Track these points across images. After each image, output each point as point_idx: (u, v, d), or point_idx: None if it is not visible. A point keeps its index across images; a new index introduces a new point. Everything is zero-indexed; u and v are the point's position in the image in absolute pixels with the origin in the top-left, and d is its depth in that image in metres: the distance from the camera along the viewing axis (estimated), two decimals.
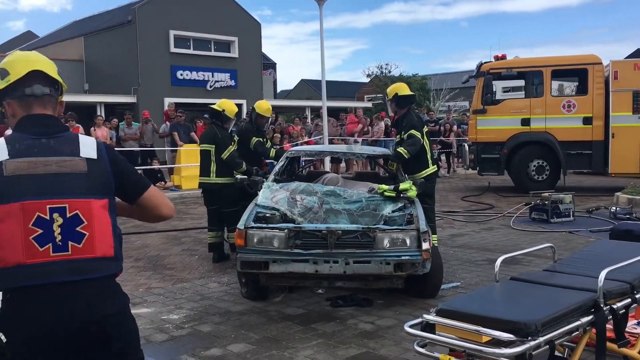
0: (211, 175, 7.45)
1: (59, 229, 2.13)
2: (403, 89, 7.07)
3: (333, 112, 20.42)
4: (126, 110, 17.30)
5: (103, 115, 17.07)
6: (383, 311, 5.42)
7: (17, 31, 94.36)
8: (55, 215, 2.13)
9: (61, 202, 2.14)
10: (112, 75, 24.82)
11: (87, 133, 14.19)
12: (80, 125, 13.78)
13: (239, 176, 7.16)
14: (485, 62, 14.24)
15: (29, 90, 2.29)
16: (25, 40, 36.85)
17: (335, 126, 17.84)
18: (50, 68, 2.36)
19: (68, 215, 2.14)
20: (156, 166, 14.98)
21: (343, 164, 16.64)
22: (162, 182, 14.98)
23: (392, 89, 7.11)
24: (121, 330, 2.27)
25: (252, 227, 5.49)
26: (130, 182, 2.40)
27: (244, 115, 16.81)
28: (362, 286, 5.61)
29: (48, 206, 2.13)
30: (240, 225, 5.54)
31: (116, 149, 14.37)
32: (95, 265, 2.18)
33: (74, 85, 25.05)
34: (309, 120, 21.10)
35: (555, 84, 14.34)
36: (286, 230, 5.41)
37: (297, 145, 13.95)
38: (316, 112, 26.29)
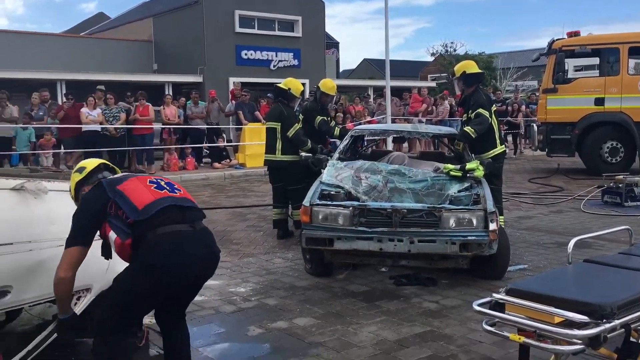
0: (277, 152, 7.55)
1: None
2: (471, 67, 6.92)
3: (396, 92, 20.20)
4: (192, 89, 17.70)
5: (171, 94, 17.51)
6: (447, 291, 5.38)
7: (90, 13, 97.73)
8: None
9: None
10: (179, 56, 25.40)
11: (156, 111, 14.65)
12: (150, 104, 14.23)
13: (303, 154, 7.23)
14: (557, 39, 13.69)
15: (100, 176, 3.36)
16: (97, 22, 38.15)
17: (398, 106, 17.66)
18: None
19: None
20: (221, 144, 15.29)
21: (405, 144, 16.49)
22: (227, 160, 15.30)
23: (459, 67, 6.97)
24: None
25: (317, 204, 5.55)
26: None
27: (307, 95, 16.85)
28: (426, 265, 5.59)
29: None
30: (306, 202, 5.62)
31: (183, 127, 14.81)
32: None
33: (143, 65, 25.81)
34: (371, 99, 20.96)
35: (632, 62, 13.62)
36: (351, 208, 5.45)
37: (359, 124, 13.89)
38: (379, 91, 26.06)
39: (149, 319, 4.57)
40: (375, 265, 6.01)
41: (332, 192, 5.79)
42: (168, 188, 3.19)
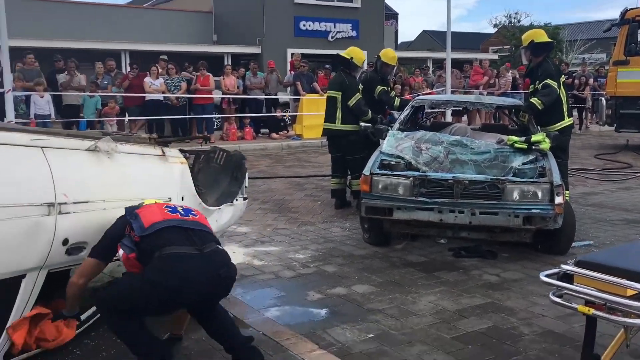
0: (336, 122, 7.53)
1: None
2: (540, 36, 6.67)
3: (456, 64, 19.72)
4: (251, 60, 17.82)
5: (230, 65, 17.70)
6: (508, 264, 5.30)
7: None
8: None
9: None
10: (238, 27, 25.54)
11: (216, 81, 14.85)
12: (210, 74, 14.44)
13: (363, 124, 7.19)
14: (631, 9, 13.00)
15: None
16: None
17: (458, 78, 17.27)
18: None
19: None
20: (279, 114, 15.39)
21: (465, 118, 16.13)
22: (285, 131, 15.40)
23: (528, 36, 6.73)
24: None
25: (378, 174, 5.54)
26: None
27: (365, 66, 16.66)
28: (487, 238, 5.51)
29: None
30: (366, 171, 5.61)
31: (242, 97, 14.95)
32: None
33: (203, 36, 26.13)
34: (430, 72, 20.56)
35: None
36: (411, 178, 5.41)
37: (418, 97, 13.67)
38: (438, 64, 25.51)
39: None
40: (434, 237, 5.96)
41: (392, 162, 5.76)
42: (181, 212, 3.37)
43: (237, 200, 5.06)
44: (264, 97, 15.34)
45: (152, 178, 4.06)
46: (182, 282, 3.03)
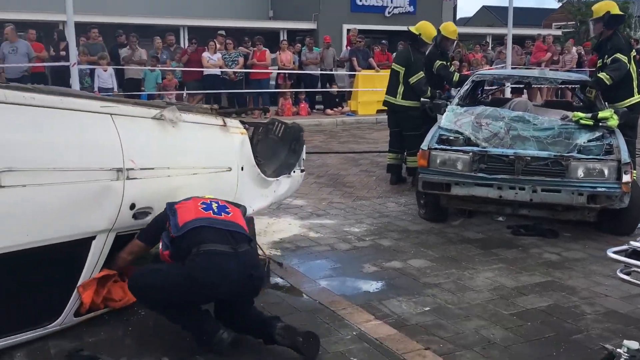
0: (397, 96, 7.44)
1: None
2: (614, 8, 6.36)
3: (517, 40, 19.05)
4: (306, 36, 17.77)
5: (286, 40, 17.71)
6: (570, 244, 5.16)
7: None
8: None
9: None
10: (294, 2, 25.48)
11: (272, 58, 14.89)
12: (266, 49, 14.50)
13: (423, 99, 7.09)
14: None
15: None
16: None
17: (519, 54, 16.71)
18: None
19: None
20: (334, 89, 15.34)
21: (525, 95, 15.64)
22: (340, 107, 15.36)
23: (601, 6, 6.41)
24: None
25: (436, 149, 5.47)
26: None
27: None
28: (548, 216, 5.38)
29: None
30: (424, 146, 5.55)
31: (298, 72, 14.96)
32: None
33: (260, 12, 26.18)
34: (490, 48, 19.99)
35: None
36: (471, 154, 5.32)
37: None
38: (498, 40, 24.76)
39: (269, 250, 4.82)
40: (491, 214, 5.86)
41: (450, 138, 5.67)
42: (215, 210, 3.36)
43: (294, 172, 5.11)
44: (319, 72, 15.31)
45: (213, 147, 4.14)
46: (220, 279, 3.10)
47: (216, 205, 3.44)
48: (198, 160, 3.96)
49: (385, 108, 7.92)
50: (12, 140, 2.82)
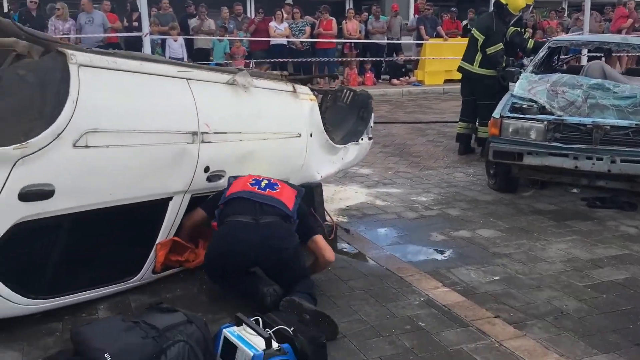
0: (474, 64, 7.23)
1: None
2: None
3: (596, 6, 18.08)
4: (373, 4, 17.49)
5: (352, 9, 17.49)
6: None
7: None
8: None
9: None
10: None
11: (339, 26, 14.78)
12: (333, 18, 14.39)
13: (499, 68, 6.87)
14: None
15: None
16: None
17: (598, 21, 15.86)
18: None
19: None
20: (401, 58, 15.10)
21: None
22: (406, 77, 15.12)
23: None
24: None
25: (508, 117, 5.32)
26: None
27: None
28: (627, 188, 5.16)
29: None
30: (496, 114, 5.41)
31: (364, 41, 14.78)
32: None
33: None
34: (566, 15, 19.06)
35: None
36: (545, 122, 5.14)
37: None
38: (574, 6, 23.55)
39: (336, 217, 4.86)
40: (565, 186, 5.68)
41: (524, 106, 5.49)
42: (261, 186, 3.47)
43: (362, 139, 5.10)
44: (385, 41, 15.08)
45: (283, 113, 4.19)
46: (235, 247, 3.25)
47: (266, 182, 3.53)
48: (269, 125, 4.01)
49: (458, 76, 7.72)
50: (97, 102, 2.94)
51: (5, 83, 2.88)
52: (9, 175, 2.59)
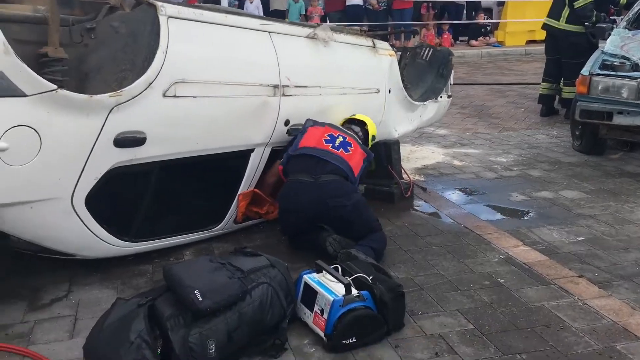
0: (561, 19, 6.87)
1: None
2: None
3: None
4: None
5: None
6: None
7: None
8: None
9: None
10: None
11: None
12: None
13: (588, 24, 6.51)
14: None
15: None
16: None
17: None
18: None
19: None
20: (480, 21, 14.57)
21: None
22: (487, 37, 14.60)
23: None
24: None
25: (598, 74, 5.06)
26: None
27: None
28: None
29: None
30: (584, 71, 5.16)
31: (441, 1, 14.29)
32: None
33: None
34: None
35: None
36: (639, 80, 4.85)
37: None
38: None
39: (413, 176, 4.83)
40: None
41: (615, 63, 5.19)
42: (334, 145, 3.48)
43: (441, 97, 5.01)
44: (464, 0, 14.56)
45: (363, 68, 4.17)
46: (293, 205, 3.38)
47: (340, 141, 3.52)
48: (348, 80, 4.01)
49: (542, 37, 7.36)
50: (185, 53, 3.02)
51: (100, 35, 3.02)
52: (105, 121, 2.72)
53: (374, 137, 3.95)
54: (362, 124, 3.91)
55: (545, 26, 7.18)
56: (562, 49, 6.94)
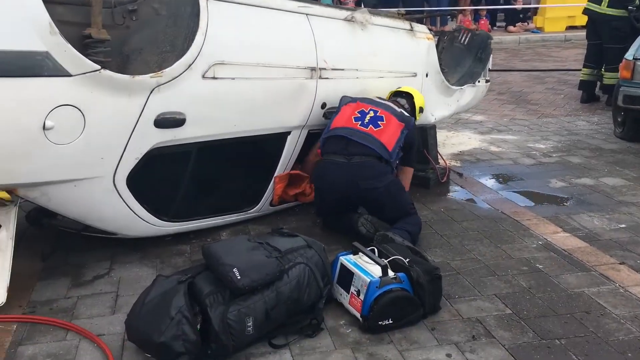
0: (602, 4, 6.67)
1: None
2: None
3: None
4: None
5: None
6: None
7: None
8: None
9: None
10: None
11: None
12: None
13: (631, 7, 6.31)
14: None
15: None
16: None
17: None
18: None
19: None
20: (519, 6, 14.26)
21: None
22: (525, 23, 14.29)
23: None
24: None
25: None
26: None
27: None
28: None
29: None
30: (629, 55, 5.03)
31: None
32: None
33: None
34: None
35: None
36: None
37: None
38: None
39: (449, 161, 4.79)
40: None
41: None
42: (364, 121, 3.43)
43: (479, 81, 4.94)
44: None
45: (400, 51, 4.13)
46: (322, 184, 3.43)
47: (371, 116, 3.45)
48: (385, 63, 3.98)
49: (583, 22, 7.18)
50: (224, 35, 3.04)
51: (141, 17, 3.06)
52: (146, 102, 2.76)
53: (421, 108, 3.92)
54: (409, 97, 3.87)
55: (586, 11, 6.99)
56: (603, 34, 6.75)
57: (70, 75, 2.48)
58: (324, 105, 3.60)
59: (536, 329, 2.51)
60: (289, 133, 3.52)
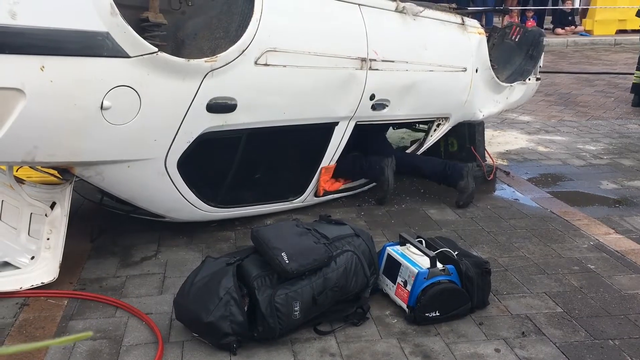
0: None
1: None
2: None
3: None
4: None
5: None
6: None
7: None
8: None
9: None
10: None
11: None
12: None
13: None
14: None
15: None
16: None
17: None
18: None
19: None
20: (568, 7, 13.94)
21: None
22: (572, 27, 13.97)
23: None
24: None
25: None
26: None
27: None
28: None
29: None
30: None
31: None
32: None
33: None
34: None
35: None
36: None
37: None
38: None
39: (496, 160, 4.70)
40: None
41: None
42: None
43: (529, 79, 4.83)
44: None
45: (451, 45, 4.06)
46: None
47: None
48: (435, 57, 3.92)
49: (634, 26, 7.02)
50: (277, 23, 3.04)
51: (197, 2, 3.09)
52: (199, 86, 2.78)
53: None
54: None
55: (639, 13, 6.78)
56: None
57: (128, 57, 2.52)
58: (372, 97, 3.57)
59: (589, 328, 2.44)
60: (336, 124, 3.51)
